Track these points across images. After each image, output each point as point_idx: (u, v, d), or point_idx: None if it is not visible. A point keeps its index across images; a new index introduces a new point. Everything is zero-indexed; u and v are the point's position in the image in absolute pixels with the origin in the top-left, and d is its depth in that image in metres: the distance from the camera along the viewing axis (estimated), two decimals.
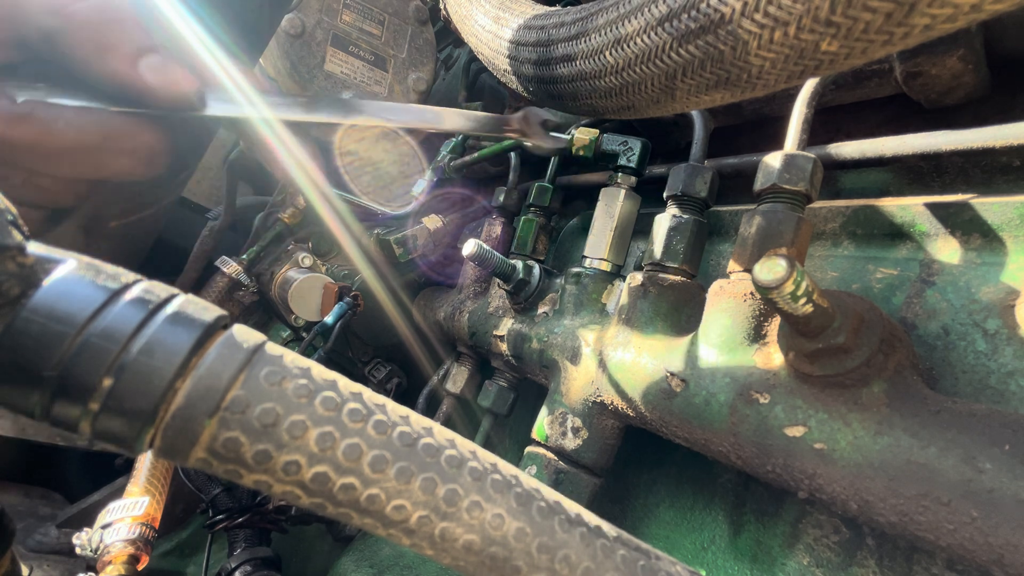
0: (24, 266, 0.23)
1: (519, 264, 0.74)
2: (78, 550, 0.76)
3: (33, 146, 0.36)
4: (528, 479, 0.27)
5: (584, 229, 0.89)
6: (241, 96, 0.39)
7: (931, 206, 0.50)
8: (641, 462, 0.69)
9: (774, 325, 0.47)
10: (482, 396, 0.83)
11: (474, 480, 0.25)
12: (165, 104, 0.38)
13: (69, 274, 0.23)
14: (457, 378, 0.93)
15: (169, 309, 0.24)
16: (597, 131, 0.71)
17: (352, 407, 0.25)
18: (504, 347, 0.76)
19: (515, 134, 0.53)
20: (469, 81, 1.10)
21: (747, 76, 0.32)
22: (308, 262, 1.09)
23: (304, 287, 1.01)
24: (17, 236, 0.22)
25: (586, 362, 0.62)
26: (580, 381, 0.62)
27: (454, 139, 1.00)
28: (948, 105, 0.52)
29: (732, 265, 0.50)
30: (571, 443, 0.61)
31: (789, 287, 0.35)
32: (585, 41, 0.41)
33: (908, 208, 0.51)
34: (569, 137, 0.69)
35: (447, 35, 1.21)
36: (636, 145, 0.67)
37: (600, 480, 0.62)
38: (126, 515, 0.77)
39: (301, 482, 0.23)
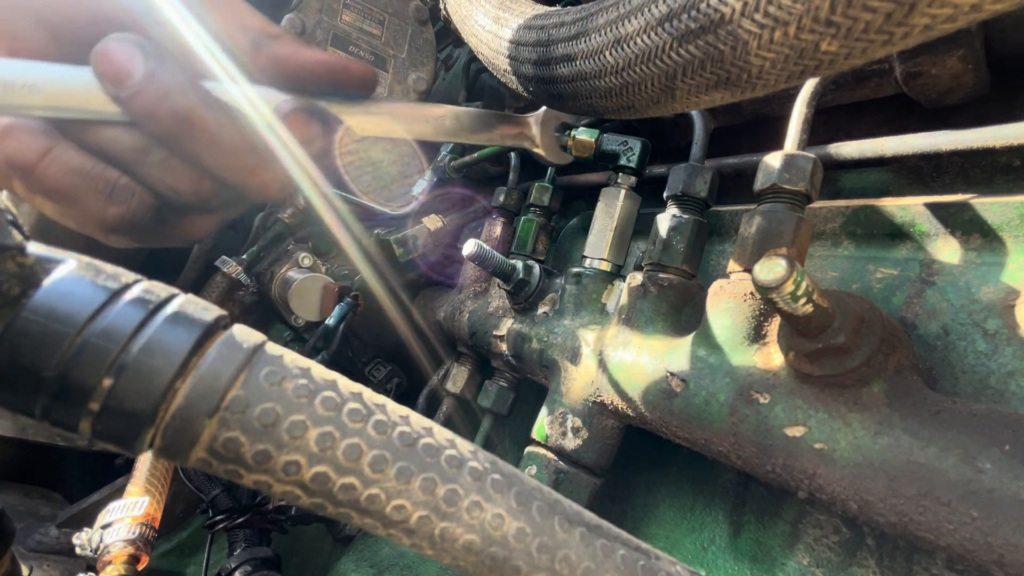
0: (24, 266, 0.23)
1: (519, 264, 0.74)
2: (78, 550, 0.76)
3: (212, 134, 0.38)
4: (528, 479, 0.27)
5: (584, 229, 0.89)
6: (242, 97, 0.39)
7: (931, 206, 0.50)
8: (641, 462, 0.69)
9: (774, 325, 0.47)
10: (482, 396, 0.83)
11: (474, 480, 0.25)
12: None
13: (69, 274, 0.23)
14: (457, 378, 0.93)
15: (169, 309, 0.24)
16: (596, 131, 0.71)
17: (352, 407, 0.25)
18: (504, 347, 0.76)
19: (528, 143, 0.54)
20: (469, 81, 1.10)
21: (747, 76, 0.32)
22: (308, 262, 1.09)
23: (304, 287, 1.01)
24: (17, 236, 0.22)
25: (586, 362, 0.62)
26: (580, 381, 0.62)
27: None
28: (948, 105, 0.52)
29: (732, 265, 0.50)
30: (571, 443, 0.61)
31: (789, 287, 0.35)
32: (585, 41, 0.41)
33: (908, 208, 0.51)
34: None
35: (447, 35, 1.21)
36: (636, 145, 0.67)
37: (600, 480, 0.62)
38: (126, 515, 0.77)
39: (301, 482, 0.23)
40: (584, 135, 0.62)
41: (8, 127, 0.36)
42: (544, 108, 0.56)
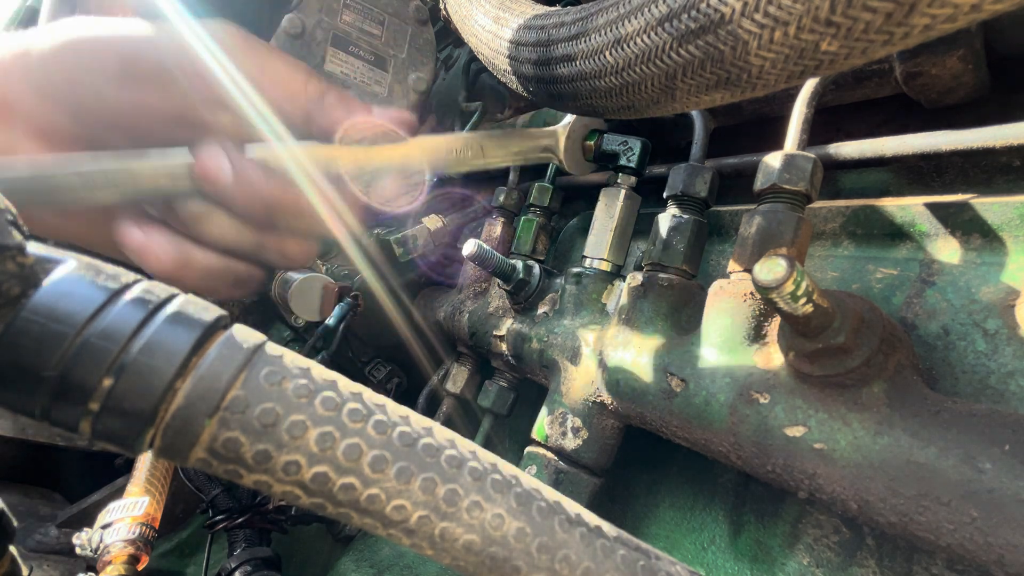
0: (24, 266, 0.23)
1: (519, 264, 0.74)
2: (78, 550, 0.76)
3: (296, 207, 0.43)
4: (528, 479, 0.27)
5: (584, 229, 0.89)
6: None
7: (931, 206, 0.50)
8: (641, 462, 0.69)
9: (774, 325, 0.47)
10: (482, 396, 0.83)
11: (474, 480, 0.25)
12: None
13: (69, 274, 0.23)
14: (457, 378, 0.93)
15: (169, 309, 0.24)
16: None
17: (352, 407, 0.25)
18: (504, 347, 0.76)
19: (553, 157, 0.54)
20: (469, 81, 1.10)
21: (747, 76, 0.32)
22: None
23: (304, 287, 1.01)
24: (17, 236, 0.22)
25: (586, 362, 0.62)
26: (580, 381, 0.62)
27: None
28: (948, 105, 0.52)
29: (732, 265, 0.50)
30: (571, 443, 0.61)
31: (789, 287, 0.35)
32: (585, 41, 0.41)
33: (908, 208, 0.51)
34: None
35: (447, 35, 1.21)
36: (636, 145, 0.67)
37: (600, 480, 0.62)
38: (126, 515, 0.77)
39: (301, 482, 0.23)
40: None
41: (144, 244, 0.42)
42: (572, 118, 0.56)
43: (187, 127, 0.41)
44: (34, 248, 0.23)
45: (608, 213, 0.68)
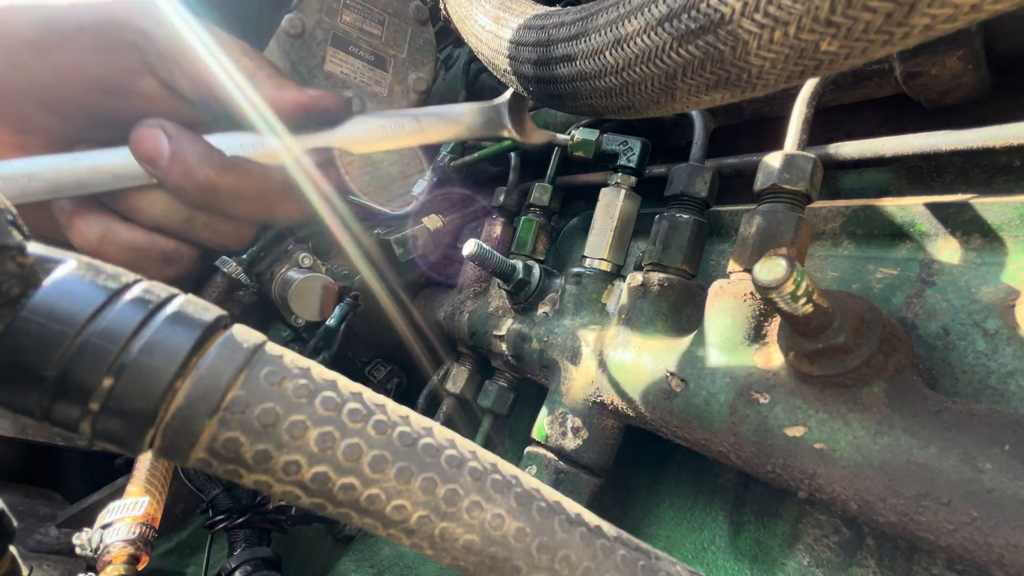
0: (24, 266, 0.23)
1: (519, 264, 0.74)
2: (78, 550, 0.76)
3: (233, 192, 0.42)
4: (528, 479, 0.27)
5: (584, 229, 0.89)
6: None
7: (931, 206, 0.50)
8: (641, 462, 0.69)
9: (774, 325, 0.47)
10: (482, 396, 0.83)
11: (474, 480, 0.25)
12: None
13: (69, 274, 0.23)
14: (457, 378, 0.93)
15: (169, 309, 0.24)
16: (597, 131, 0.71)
17: (352, 407, 0.25)
18: (504, 347, 0.76)
19: (503, 130, 0.54)
20: (469, 81, 1.10)
21: (747, 76, 0.32)
22: (308, 262, 1.09)
23: (304, 287, 1.01)
24: (17, 236, 0.22)
25: (586, 362, 0.62)
26: (580, 381, 0.62)
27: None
28: (948, 105, 0.52)
29: (732, 265, 0.50)
30: (571, 443, 0.61)
31: (789, 287, 0.35)
32: (585, 41, 0.41)
33: (908, 208, 0.51)
34: (568, 137, 0.69)
35: (447, 35, 1.21)
36: (636, 145, 0.67)
37: (600, 480, 0.62)
38: (126, 515, 0.77)
39: (301, 482, 0.23)
40: (584, 135, 0.62)
41: (69, 218, 0.42)
42: (510, 91, 0.55)
43: (112, 96, 0.40)
44: (34, 248, 0.23)
45: (608, 213, 0.68)
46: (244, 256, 1.16)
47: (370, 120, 0.48)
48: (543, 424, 0.64)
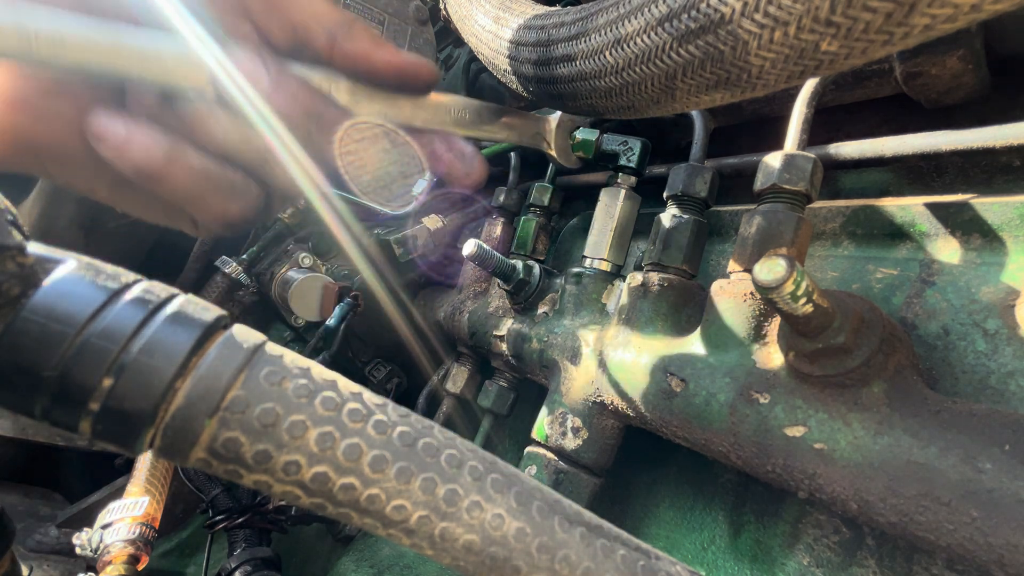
0: (24, 266, 0.23)
1: (519, 264, 0.74)
2: (78, 550, 0.76)
3: (328, 127, 0.41)
4: (528, 479, 0.27)
5: (584, 229, 0.88)
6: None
7: (931, 206, 0.50)
8: (641, 462, 0.69)
9: (774, 325, 0.47)
10: (482, 396, 0.83)
11: (474, 480, 0.25)
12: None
13: (69, 274, 0.23)
14: (457, 378, 0.93)
15: (169, 309, 0.24)
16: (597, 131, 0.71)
17: (352, 407, 0.25)
18: (504, 347, 0.76)
19: (544, 144, 0.55)
20: (469, 81, 1.10)
21: (747, 76, 0.32)
22: (308, 262, 1.09)
23: (304, 287, 1.01)
24: (17, 236, 0.22)
25: (586, 362, 0.62)
26: (580, 381, 0.62)
27: None
28: (948, 105, 0.52)
29: (732, 265, 0.50)
30: (571, 443, 0.61)
31: (789, 287, 0.35)
32: (585, 41, 0.41)
33: (908, 208, 0.51)
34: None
35: (447, 35, 1.21)
36: (636, 145, 0.67)
37: (600, 480, 0.62)
38: (126, 515, 0.77)
39: (301, 482, 0.23)
40: (584, 135, 0.62)
41: (128, 135, 0.37)
42: (560, 112, 0.57)
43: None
44: (34, 248, 0.23)
45: (608, 213, 0.68)
46: (244, 256, 1.16)
47: (441, 100, 0.48)
48: (543, 424, 0.64)
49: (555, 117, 0.57)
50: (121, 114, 0.37)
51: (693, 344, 0.52)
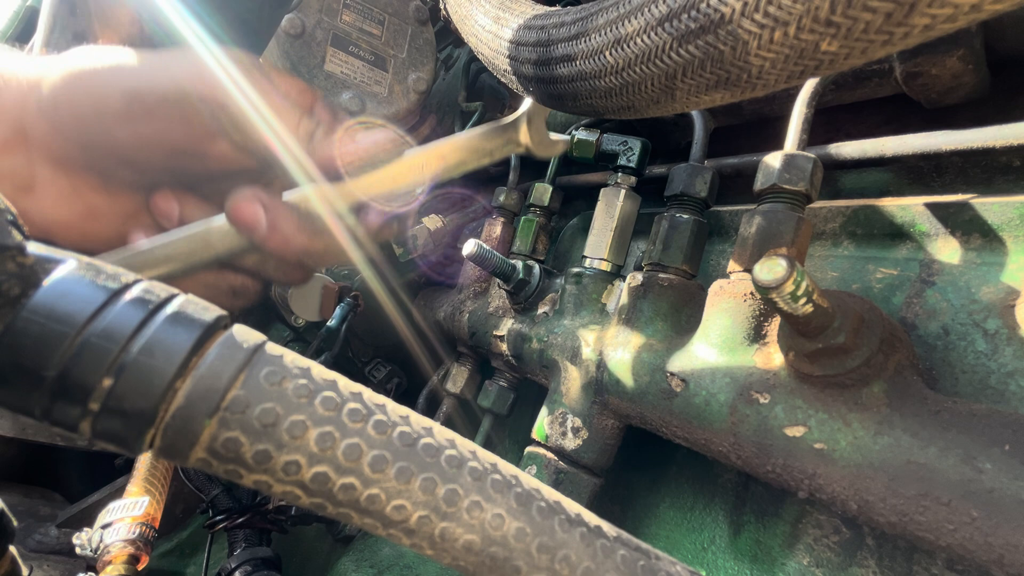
0: (24, 266, 0.22)
1: (519, 264, 0.74)
2: (78, 550, 0.76)
3: (321, 253, 0.46)
4: (528, 479, 0.27)
5: (584, 229, 0.88)
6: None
7: (931, 206, 0.50)
8: (641, 462, 0.69)
9: (774, 325, 0.47)
10: (482, 396, 0.83)
11: (474, 480, 0.25)
12: None
13: (69, 274, 0.23)
14: (457, 378, 0.93)
15: (169, 309, 0.24)
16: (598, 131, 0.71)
17: (352, 407, 0.25)
18: (504, 347, 0.76)
19: (522, 148, 0.55)
20: (469, 81, 1.10)
21: (747, 76, 0.32)
22: None
23: (304, 287, 1.01)
24: (17, 236, 0.22)
25: (586, 362, 0.62)
26: (580, 381, 0.62)
27: None
28: (948, 105, 0.52)
29: (732, 265, 0.50)
30: (571, 443, 0.61)
31: (789, 287, 0.35)
32: (585, 41, 0.41)
33: (908, 208, 0.51)
34: (569, 137, 0.69)
35: (447, 35, 1.21)
36: (636, 145, 0.67)
37: (600, 480, 0.62)
38: (126, 515, 0.77)
39: (301, 482, 0.23)
40: (584, 135, 0.62)
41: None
42: (529, 104, 0.55)
43: (189, 158, 0.43)
44: (34, 248, 0.23)
45: (608, 213, 0.68)
46: None
47: (405, 159, 0.50)
48: (543, 424, 0.64)
49: (521, 116, 0.55)
50: (148, 234, 0.45)
51: (693, 344, 0.52)
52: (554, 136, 0.57)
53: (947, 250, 0.49)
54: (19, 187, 0.42)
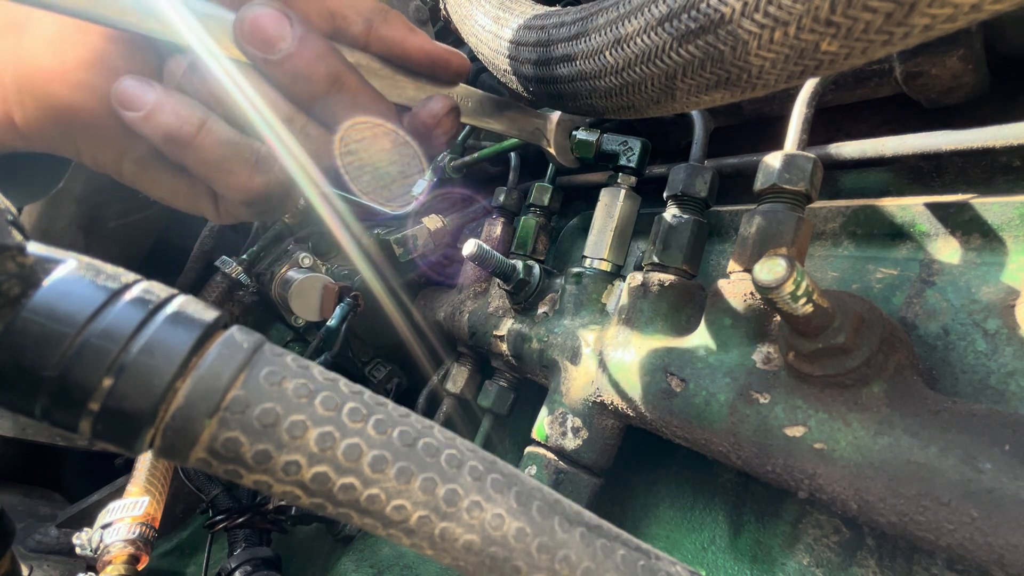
0: (24, 266, 0.23)
1: (519, 264, 0.74)
2: (78, 550, 0.76)
3: (352, 94, 0.41)
4: (528, 479, 0.27)
5: (584, 229, 0.88)
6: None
7: (931, 206, 0.50)
8: (641, 462, 0.69)
9: (774, 325, 0.47)
10: (482, 396, 0.83)
11: (474, 480, 0.25)
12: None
13: (69, 274, 0.23)
14: (457, 378, 0.93)
15: (169, 309, 0.24)
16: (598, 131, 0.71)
17: (352, 407, 0.25)
18: (504, 347, 0.76)
19: (544, 141, 0.56)
20: (469, 81, 1.09)
21: (747, 76, 0.32)
22: (308, 262, 1.09)
23: (304, 287, 1.01)
24: (17, 236, 0.22)
25: (586, 362, 0.62)
26: (580, 381, 0.62)
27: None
28: (948, 105, 0.52)
29: (732, 265, 0.50)
30: (571, 443, 0.61)
31: (789, 287, 0.35)
32: (585, 41, 0.41)
33: (908, 208, 0.51)
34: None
35: (447, 35, 1.21)
36: (636, 145, 0.67)
37: (600, 480, 0.62)
38: (126, 515, 0.77)
39: (301, 482, 0.23)
40: (584, 135, 0.62)
41: (159, 102, 0.38)
42: (559, 113, 0.58)
43: None
44: (34, 248, 0.23)
45: (608, 213, 0.68)
46: (244, 256, 1.16)
47: (468, 91, 0.50)
48: (543, 424, 0.64)
49: (555, 115, 0.57)
50: (150, 83, 0.38)
51: (693, 344, 0.52)
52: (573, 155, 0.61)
53: (947, 250, 0.49)
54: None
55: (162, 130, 0.38)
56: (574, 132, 0.70)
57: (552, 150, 0.58)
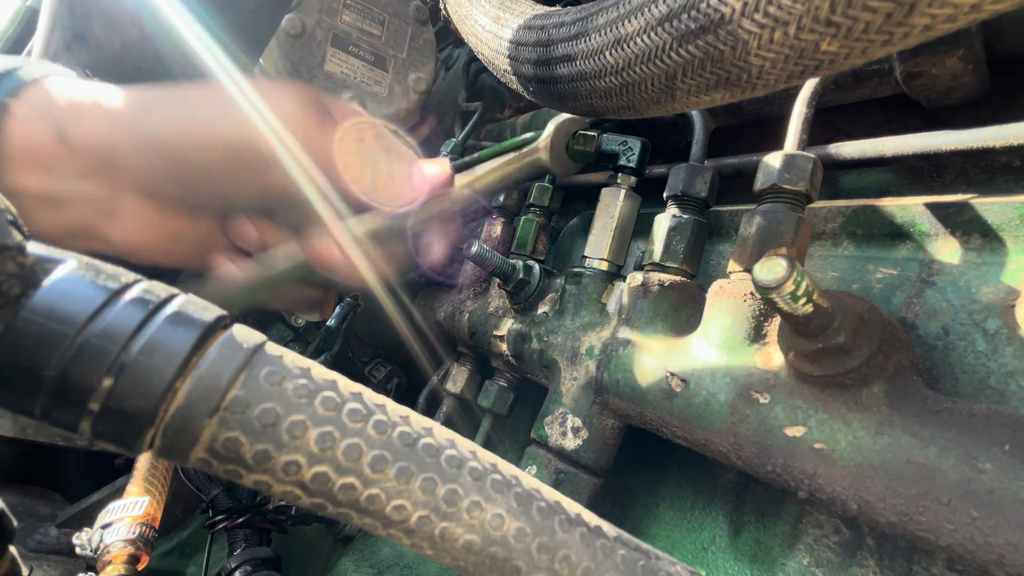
0: (24, 266, 0.23)
1: (519, 264, 0.74)
2: (78, 550, 0.76)
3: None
4: (528, 479, 0.27)
5: (584, 229, 0.88)
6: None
7: (931, 206, 0.50)
8: (641, 462, 0.69)
9: (774, 325, 0.47)
10: (482, 396, 0.83)
11: (474, 480, 0.25)
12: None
13: (69, 274, 0.23)
14: (457, 378, 0.93)
15: (169, 309, 0.24)
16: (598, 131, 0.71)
17: (352, 407, 0.25)
18: (504, 347, 0.76)
19: (542, 167, 0.58)
20: (469, 81, 1.10)
21: (747, 76, 0.32)
22: None
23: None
24: (17, 236, 0.22)
25: (586, 362, 0.62)
26: (580, 381, 0.62)
27: (453, 140, 1.00)
28: (948, 105, 0.52)
29: (732, 265, 0.50)
30: (571, 443, 0.61)
31: (789, 287, 0.35)
32: (585, 41, 0.41)
33: (908, 208, 0.51)
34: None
35: (447, 35, 1.21)
36: (636, 145, 0.67)
37: (600, 480, 0.62)
38: (126, 515, 0.77)
39: (301, 482, 0.23)
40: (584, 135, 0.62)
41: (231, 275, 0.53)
42: (553, 126, 0.59)
43: (272, 192, 0.49)
44: (34, 248, 0.23)
45: (608, 213, 0.68)
46: None
47: (457, 191, 0.55)
48: (543, 424, 0.64)
49: (545, 140, 0.59)
50: (232, 256, 0.54)
51: (693, 344, 0.52)
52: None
53: (947, 250, 0.49)
54: (101, 212, 0.46)
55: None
56: (577, 132, 0.70)
57: (551, 168, 0.59)
